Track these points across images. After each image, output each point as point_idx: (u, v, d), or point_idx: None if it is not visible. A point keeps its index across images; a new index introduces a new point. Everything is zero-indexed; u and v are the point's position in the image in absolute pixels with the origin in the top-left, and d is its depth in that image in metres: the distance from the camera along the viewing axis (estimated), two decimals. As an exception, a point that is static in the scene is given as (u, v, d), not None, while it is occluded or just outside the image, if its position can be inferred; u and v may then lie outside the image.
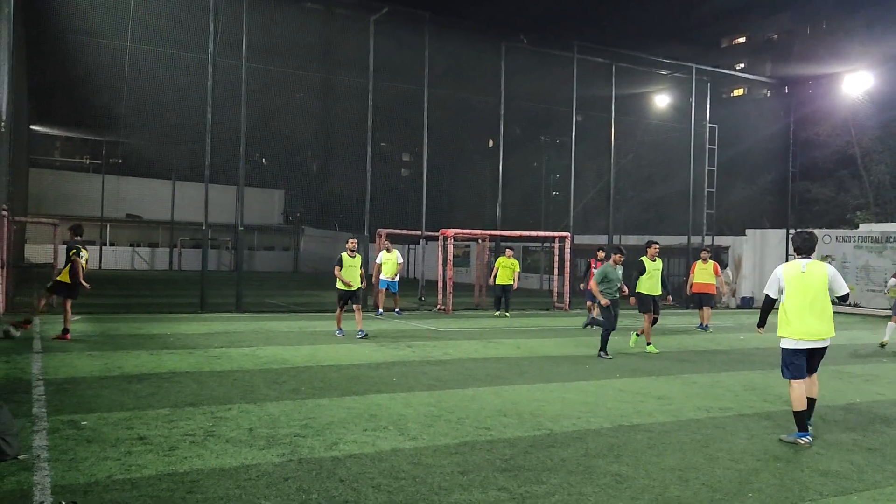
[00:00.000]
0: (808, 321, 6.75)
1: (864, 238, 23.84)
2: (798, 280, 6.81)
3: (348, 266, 13.42)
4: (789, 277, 6.87)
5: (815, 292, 6.76)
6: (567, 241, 21.81)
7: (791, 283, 6.84)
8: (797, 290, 6.80)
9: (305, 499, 4.83)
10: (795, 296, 6.80)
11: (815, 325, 6.74)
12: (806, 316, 6.75)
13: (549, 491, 5.14)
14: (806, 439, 6.67)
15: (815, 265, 6.86)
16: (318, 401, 7.85)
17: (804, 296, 6.77)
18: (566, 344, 13.72)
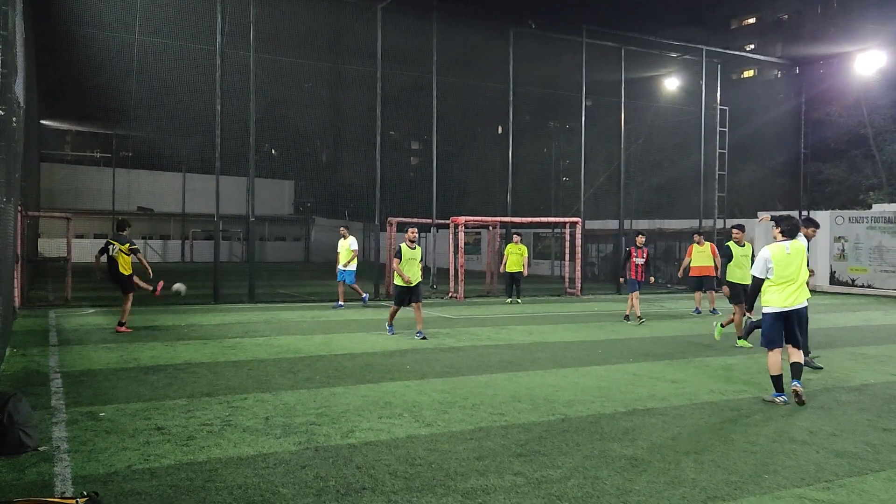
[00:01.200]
0: (790, 293, 7.66)
1: (876, 218, 23.63)
2: (784, 260, 7.63)
3: (409, 259, 11.97)
4: (777, 259, 7.64)
5: (797, 268, 7.65)
6: (578, 226, 21.76)
7: (779, 264, 7.63)
8: (784, 268, 7.63)
9: (323, 486, 4.88)
10: (782, 273, 7.64)
11: (794, 295, 7.66)
12: (790, 289, 7.65)
13: (564, 475, 5.17)
14: (780, 399, 7.55)
15: (795, 244, 7.72)
16: (333, 389, 7.90)
17: (787, 272, 7.63)
18: (579, 329, 13.72)
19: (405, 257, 11.92)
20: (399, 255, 11.92)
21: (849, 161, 33.53)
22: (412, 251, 11.99)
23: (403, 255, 11.90)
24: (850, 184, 33.34)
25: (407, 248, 11.95)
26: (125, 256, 12.18)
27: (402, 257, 11.89)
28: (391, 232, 21.33)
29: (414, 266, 11.97)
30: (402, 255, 11.89)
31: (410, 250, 11.97)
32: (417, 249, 12.08)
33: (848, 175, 33.46)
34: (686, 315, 16.77)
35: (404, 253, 11.87)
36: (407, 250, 11.94)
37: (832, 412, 7.25)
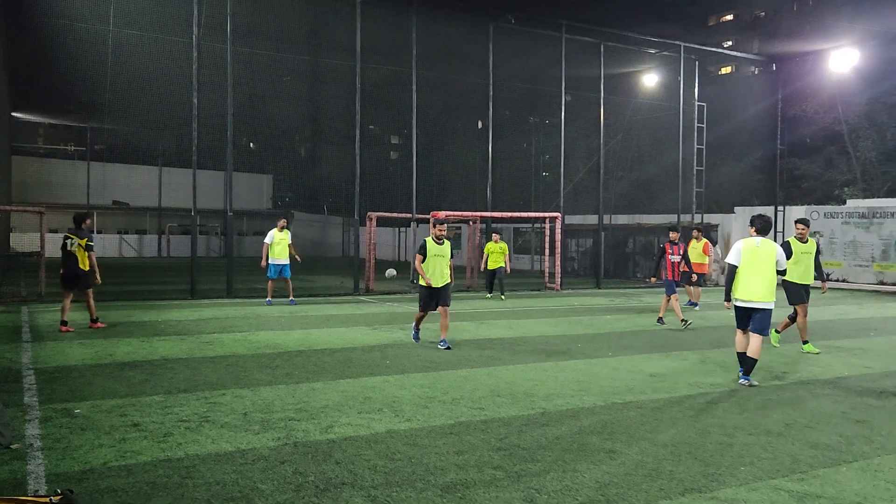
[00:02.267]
0: (750, 286, 8.24)
1: (851, 214, 23.99)
2: (752, 253, 8.27)
3: (435, 256, 10.43)
4: (746, 250, 8.32)
5: (762, 264, 8.22)
6: (558, 221, 21.84)
7: (746, 255, 8.30)
8: (750, 261, 8.27)
9: (302, 482, 4.85)
10: (747, 265, 8.28)
11: (755, 289, 8.21)
12: (750, 281, 8.24)
13: (544, 469, 5.18)
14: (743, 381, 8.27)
15: (766, 243, 8.32)
16: (312, 384, 7.86)
17: (754, 266, 8.25)
18: (558, 324, 13.77)
19: (430, 254, 10.43)
20: (423, 252, 10.42)
21: (824, 157, 33.96)
22: (439, 247, 10.45)
23: (428, 251, 10.41)
24: (825, 179, 33.77)
25: (433, 244, 10.44)
26: (83, 252, 11.59)
27: (427, 254, 10.40)
28: (371, 227, 21.25)
29: (441, 265, 10.43)
30: (426, 251, 10.41)
31: (437, 246, 10.44)
32: (446, 245, 10.53)
33: (823, 171, 33.89)
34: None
35: (429, 249, 10.40)
36: (433, 246, 10.42)
37: (807, 404, 7.35)
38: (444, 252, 10.46)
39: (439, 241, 10.49)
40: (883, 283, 22.72)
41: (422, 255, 10.39)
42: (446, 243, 10.56)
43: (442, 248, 10.46)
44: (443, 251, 10.46)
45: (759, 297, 8.18)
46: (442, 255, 10.44)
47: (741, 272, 8.29)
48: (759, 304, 8.19)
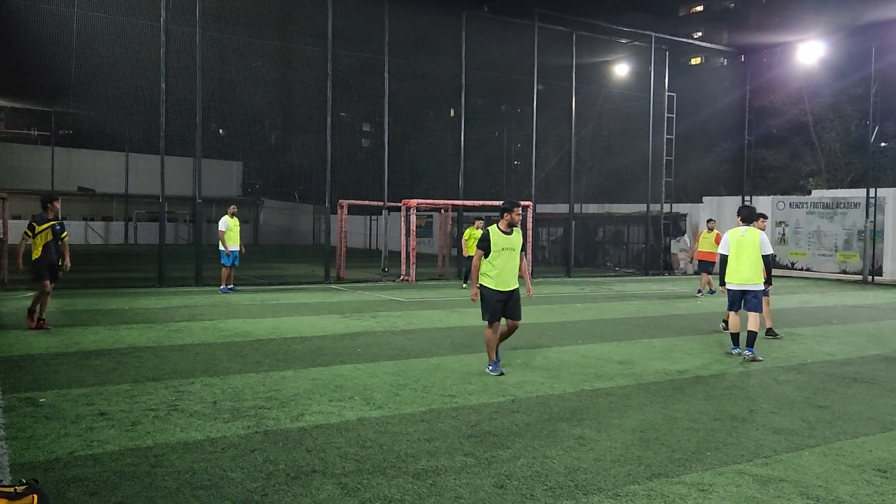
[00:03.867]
0: (740, 270, 9.24)
1: (815, 204, 24.44)
2: (738, 242, 9.27)
3: (504, 250, 7.93)
4: (733, 239, 9.34)
5: (749, 250, 9.20)
6: (529, 209, 21.93)
7: (733, 244, 9.31)
8: (737, 248, 9.27)
9: (273, 470, 4.84)
10: (735, 253, 9.29)
11: (745, 273, 9.22)
12: (741, 266, 9.23)
13: (514, 455, 5.23)
14: (735, 351, 9.37)
15: (750, 231, 9.30)
16: (283, 373, 7.83)
17: (741, 253, 9.24)
18: (528, 312, 13.82)
19: (495, 247, 7.91)
20: (486, 245, 7.92)
21: (791, 148, 34.53)
22: (507, 238, 7.96)
23: (493, 243, 7.90)
24: (791, 170, 34.36)
25: (499, 234, 7.96)
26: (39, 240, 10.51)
27: (491, 247, 7.90)
28: (342, 214, 21.15)
29: (511, 262, 7.97)
30: (489, 243, 7.90)
31: (504, 237, 7.96)
32: (517, 236, 8.05)
33: (789, 162, 34.47)
34: (632, 297, 17.09)
35: (494, 241, 7.89)
36: (499, 236, 7.94)
37: (771, 391, 7.50)
38: (514, 244, 8.00)
39: (508, 231, 8.00)
40: (845, 272, 23.22)
41: (484, 250, 7.94)
42: (517, 233, 8.09)
43: (512, 240, 7.97)
44: (513, 243, 7.99)
45: (749, 280, 9.23)
46: (512, 247, 7.98)
47: (731, 259, 9.32)
48: (749, 286, 9.24)
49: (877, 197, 22.61)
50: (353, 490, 4.51)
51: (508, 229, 8.02)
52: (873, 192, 22.70)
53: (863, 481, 4.88)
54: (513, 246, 8.01)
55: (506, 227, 8.02)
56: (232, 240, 16.02)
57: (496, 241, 7.92)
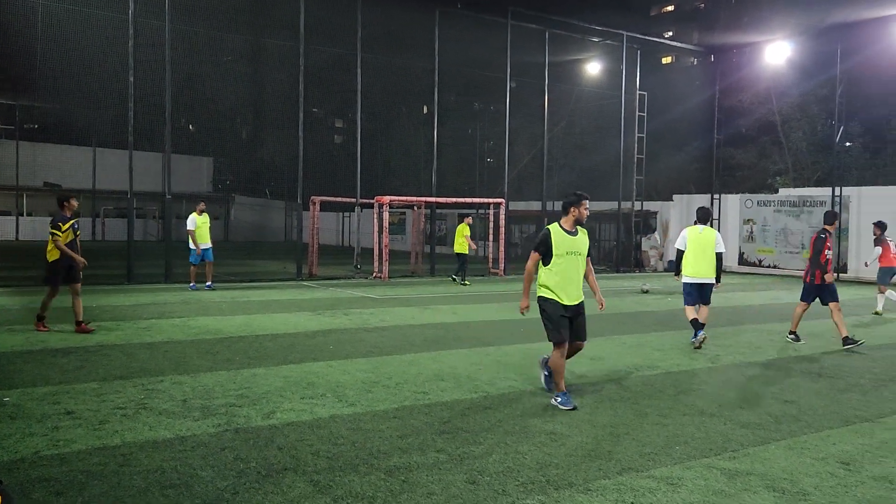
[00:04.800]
0: (698, 266, 9.86)
1: (783, 202, 24.86)
2: (696, 239, 9.89)
3: (568, 254, 6.59)
4: (691, 237, 9.94)
5: (705, 247, 9.83)
6: (502, 207, 22.00)
7: (691, 241, 9.92)
8: (694, 245, 9.90)
9: (244, 468, 4.80)
10: (693, 249, 9.90)
11: (702, 268, 9.84)
12: (698, 262, 9.86)
13: (486, 451, 5.25)
14: (696, 338, 9.78)
15: (707, 230, 9.94)
16: (254, 370, 7.76)
17: (698, 249, 9.86)
18: (502, 309, 13.91)
19: (557, 250, 6.55)
20: (546, 247, 6.57)
21: (758, 147, 35.04)
22: (572, 239, 6.62)
23: (555, 245, 6.54)
24: (759, 169, 34.87)
25: (562, 234, 6.61)
26: None
27: (553, 251, 6.55)
28: (314, 211, 21.03)
29: (576, 268, 6.65)
30: (550, 245, 6.55)
31: (569, 238, 6.61)
32: (582, 236, 6.72)
33: (757, 160, 34.99)
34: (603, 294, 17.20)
35: (556, 242, 6.54)
36: (562, 237, 6.59)
37: (740, 386, 7.62)
38: (580, 247, 6.66)
39: (573, 231, 6.67)
40: (811, 270, 23.64)
41: (542, 254, 6.61)
42: (582, 233, 6.74)
43: (577, 242, 6.65)
44: (578, 245, 6.65)
45: (705, 274, 9.87)
46: (578, 251, 6.64)
47: (688, 255, 9.94)
48: (705, 279, 9.88)
49: (842, 196, 23.07)
50: (325, 487, 4.49)
51: (573, 228, 6.64)
52: (838, 190, 23.16)
53: (826, 473, 4.98)
54: (579, 249, 6.62)
55: (570, 225, 6.63)
56: (202, 237, 15.82)
57: (559, 242, 6.55)
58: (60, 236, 9.91)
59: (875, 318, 13.63)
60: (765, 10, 27.08)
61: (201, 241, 15.83)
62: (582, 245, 6.66)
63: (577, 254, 6.59)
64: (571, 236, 6.60)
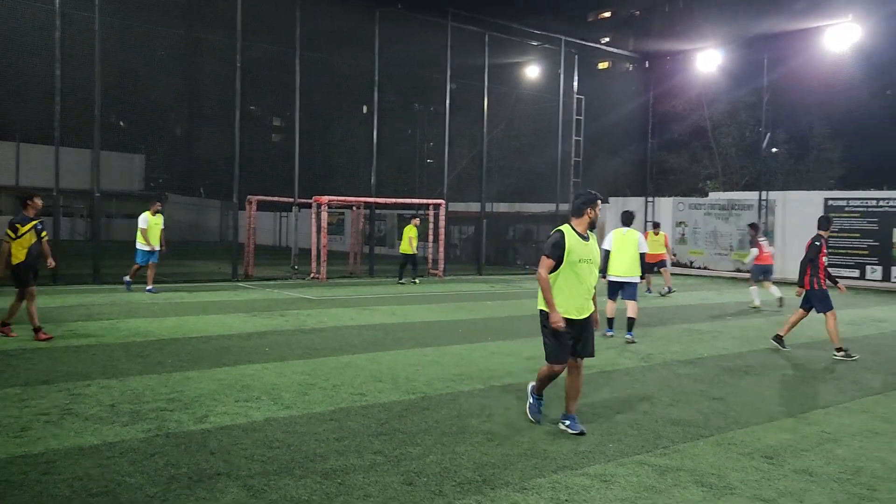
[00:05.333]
0: (622, 265, 10.57)
1: (713, 205, 25.68)
2: (621, 240, 10.65)
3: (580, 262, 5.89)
4: (616, 237, 10.69)
5: (628, 248, 10.56)
6: (441, 208, 22.05)
7: (616, 241, 10.64)
8: (619, 245, 10.62)
9: (174, 473, 4.67)
10: (617, 249, 10.60)
11: (625, 267, 10.56)
12: (622, 262, 10.56)
13: (423, 452, 5.25)
14: (609, 333, 10.79)
15: (630, 232, 10.72)
16: (187, 373, 7.57)
17: (622, 249, 10.58)
18: (440, 310, 13.94)
19: (570, 257, 5.82)
20: (559, 253, 5.81)
21: (690, 152, 36.14)
22: (584, 245, 5.94)
23: (568, 252, 5.81)
24: (690, 173, 35.96)
25: (576, 239, 5.91)
26: None
27: (566, 257, 5.81)
28: (250, 210, 20.65)
29: (587, 278, 5.96)
30: (563, 250, 5.81)
31: (582, 243, 5.93)
32: (593, 243, 6.05)
33: (689, 165, 36.07)
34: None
35: (570, 247, 5.82)
36: (576, 242, 5.89)
37: (670, 384, 7.83)
38: (593, 255, 6.00)
39: (585, 236, 6.01)
40: (739, 271, 24.49)
41: (556, 259, 5.83)
42: (593, 239, 6.10)
43: (590, 249, 5.99)
44: (592, 253, 5.99)
45: (627, 273, 10.57)
46: (591, 260, 5.97)
47: (613, 255, 10.57)
48: (627, 278, 10.58)
49: (768, 199, 23.98)
50: (259, 492, 4.42)
51: (586, 233, 6.00)
52: (765, 194, 24.08)
53: (751, 468, 5.16)
54: (592, 257, 5.96)
55: (584, 229, 5.99)
56: (151, 238, 15.14)
57: (573, 248, 5.83)
58: (12, 240, 9.20)
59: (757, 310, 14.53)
60: (696, 18, 27.96)
61: (152, 241, 15.15)
62: (595, 253, 6.01)
63: (590, 262, 5.92)
64: (584, 242, 5.92)
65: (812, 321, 12.90)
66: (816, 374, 8.58)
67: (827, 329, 9.81)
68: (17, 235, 9.28)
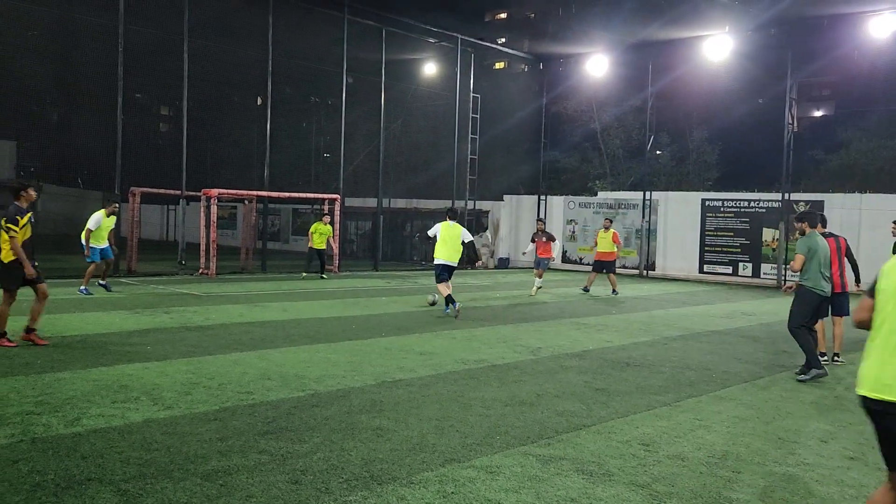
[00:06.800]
0: (447, 252, 12.56)
1: (601, 204, 26.67)
2: (447, 231, 12.60)
3: None
4: (442, 229, 12.59)
5: (453, 238, 12.60)
6: (337, 202, 21.80)
7: (443, 233, 12.58)
8: (444, 236, 12.60)
9: (39, 480, 4.39)
10: (443, 239, 12.60)
11: (450, 254, 12.56)
12: (448, 249, 12.56)
13: (311, 449, 5.17)
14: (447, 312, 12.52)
15: (455, 225, 12.72)
16: (58, 374, 7.13)
17: (447, 239, 12.59)
18: (334, 306, 13.79)
19: None
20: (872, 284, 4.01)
21: (581, 152, 37.40)
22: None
23: None
24: (581, 172, 37.19)
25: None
26: None
27: None
28: (134, 203, 19.71)
29: None
30: None
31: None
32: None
33: (580, 164, 37.31)
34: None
35: None
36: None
37: (557, 376, 8.07)
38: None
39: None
40: (625, 267, 25.55)
41: None
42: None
43: None
44: None
45: (451, 258, 12.55)
46: None
47: (439, 244, 12.57)
48: (450, 262, 12.59)
49: (651, 199, 25.15)
50: (134, 496, 4.21)
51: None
52: (649, 194, 25.24)
53: (629, 455, 5.40)
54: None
55: None
56: (101, 238, 13.92)
57: None
58: (18, 234, 8.41)
59: None
60: (586, 23, 28.85)
61: (101, 242, 13.94)
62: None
63: None
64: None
65: (688, 317, 13.59)
66: (691, 365, 9.07)
67: (835, 333, 9.52)
68: (20, 228, 8.44)
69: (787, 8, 20.13)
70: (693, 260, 24.17)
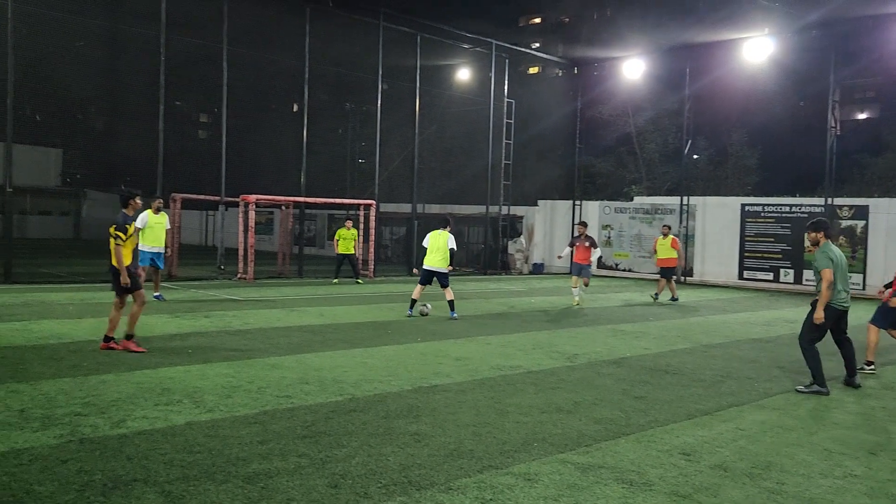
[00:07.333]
0: (434, 259, 13.08)
1: (637, 209, 26.41)
2: (434, 239, 13.15)
3: None
4: (430, 237, 13.21)
5: (440, 245, 13.06)
6: (372, 208, 21.94)
7: (430, 240, 13.18)
8: (433, 243, 13.13)
9: (87, 480, 4.49)
10: (431, 245, 13.13)
11: (436, 260, 13.05)
12: (434, 256, 13.08)
13: (349, 454, 5.21)
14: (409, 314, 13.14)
15: (443, 233, 13.15)
16: (103, 377, 7.29)
17: (434, 247, 13.09)
18: (370, 311, 13.87)
19: None
20: None
21: (616, 157, 37.08)
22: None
23: None
24: (616, 177, 36.87)
25: None
26: None
27: None
28: (175, 209, 20.07)
29: None
30: None
31: None
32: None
33: (615, 169, 36.99)
34: (471, 296, 17.58)
35: None
36: None
37: (594, 383, 8.01)
38: None
39: None
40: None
41: None
42: None
43: None
44: None
45: (437, 265, 13.03)
46: None
47: (428, 251, 13.08)
48: (438, 269, 13.03)
49: (689, 204, 24.83)
50: (177, 497, 4.29)
51: None
52: (686, 199, 24.92)
53: (670, 464, 5.33)
54: None
55: None
56: (152, 240, 13.57)
57: None
58: (125, 242, 8.64)
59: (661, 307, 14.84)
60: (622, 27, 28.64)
61: (153, 243, 13.60)
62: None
63: None
64: None
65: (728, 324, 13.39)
66: (732, 374, 8.93)
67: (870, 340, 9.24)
68: (127, 237, 8.69)
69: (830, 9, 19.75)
70: (732, 266, 23.79)
